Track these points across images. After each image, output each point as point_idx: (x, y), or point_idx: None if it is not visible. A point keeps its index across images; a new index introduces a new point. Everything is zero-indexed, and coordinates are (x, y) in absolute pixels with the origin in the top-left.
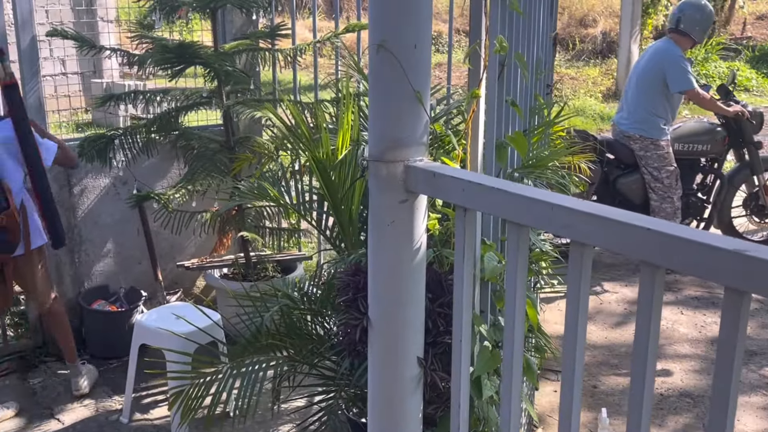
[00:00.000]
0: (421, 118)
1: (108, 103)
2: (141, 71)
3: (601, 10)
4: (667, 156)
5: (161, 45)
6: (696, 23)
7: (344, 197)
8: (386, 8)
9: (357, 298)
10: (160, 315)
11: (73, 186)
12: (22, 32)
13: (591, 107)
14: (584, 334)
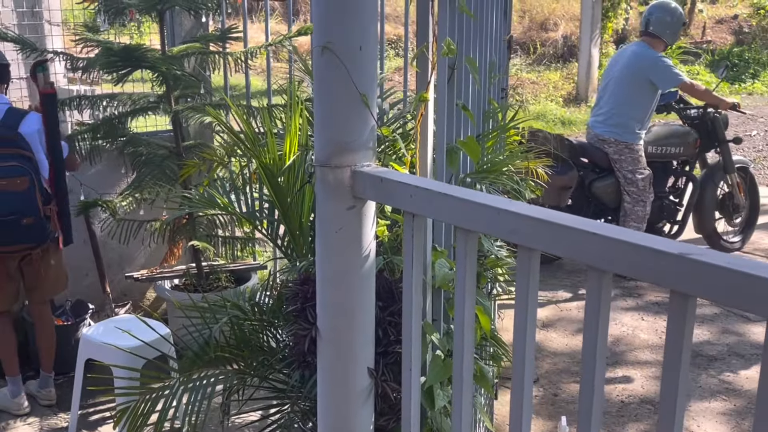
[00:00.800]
0: (367, 122)
1: None
2: (87, 75)
3: (561, 14)
4: (640, 159)
5: (106, 48)
6: (666, 26)
7: (293, 204)
8: (329, 9)
9: (306, 307)
10: (106, 329)
11: None
12: None
13: (552, 112)
14: (533, 339)
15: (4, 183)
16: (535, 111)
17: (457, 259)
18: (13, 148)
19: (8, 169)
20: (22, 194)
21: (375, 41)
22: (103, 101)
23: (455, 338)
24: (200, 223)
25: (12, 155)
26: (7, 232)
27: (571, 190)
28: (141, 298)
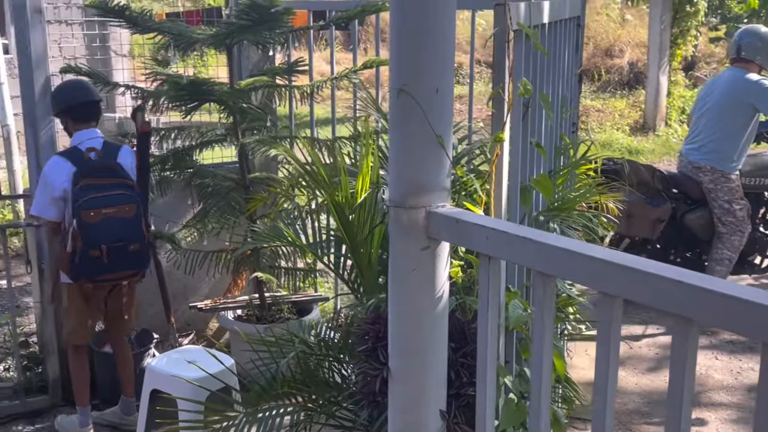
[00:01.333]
0: (443, 163)
1: (123, 139)
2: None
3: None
4: (737, 189)
5: (174, 82)
6: (757, 51)
7: (363, 240)
8: (407, 52)
9: (377, 347)
10: (171, 359)
11: None
12: (36, 69)
13: (618, 141)
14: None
15: (114, 210)
16: (601, 140)
17: (535, 304)
18: (117, 178)
19: (116, 197)
20: (131, 221)
21: (452, 84)
22: (171, 133)
23: (532, 385)
24: (263, 254)
25: (118, 184)
26: (115, 259)
27: (664, 222)
28: (204, 328)
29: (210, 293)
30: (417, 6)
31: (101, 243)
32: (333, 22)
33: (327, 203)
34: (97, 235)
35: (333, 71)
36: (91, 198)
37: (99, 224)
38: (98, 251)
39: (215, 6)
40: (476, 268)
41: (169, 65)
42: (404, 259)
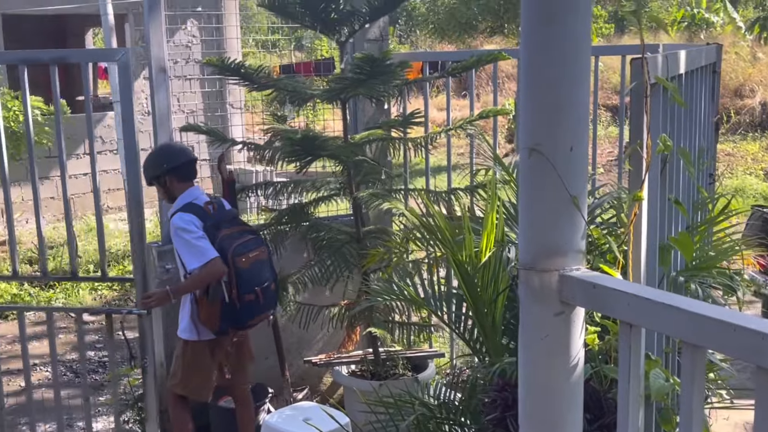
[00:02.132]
0: (577, 224)
1: (240, 193)
2: (268, 161)
3: (759, 80)
4: None
5: (288, 138)
6: None
7: (488, 301)
8: (538, 110)
9: (506, 416)
10: (287, 416)
11: None
12: (160, 128)
13: (752, 186)
14: None
15: (257, 253)
16: (733, 186)
17: (683, 376)
18: (243, 225)
19: (252, 242)
20: (268, 262)
21: (586, 140)
22: (287, 187)
23: None
24: (377, 309)
25: (246, 231)
26: (266, 300)
27: None
28: (318, 383)
29: (324, 348)
30: (549, 60)
31: (254, 286)
32: (450, 73)
33: (447, 259)
34: (251, 279)
35: (449, 121)
36: (238, 245)
37: (250, 269)
38: (254, 294)
39: (327, 58)
40: (613, 335)
41: (286, 120)
42: (536, 324)
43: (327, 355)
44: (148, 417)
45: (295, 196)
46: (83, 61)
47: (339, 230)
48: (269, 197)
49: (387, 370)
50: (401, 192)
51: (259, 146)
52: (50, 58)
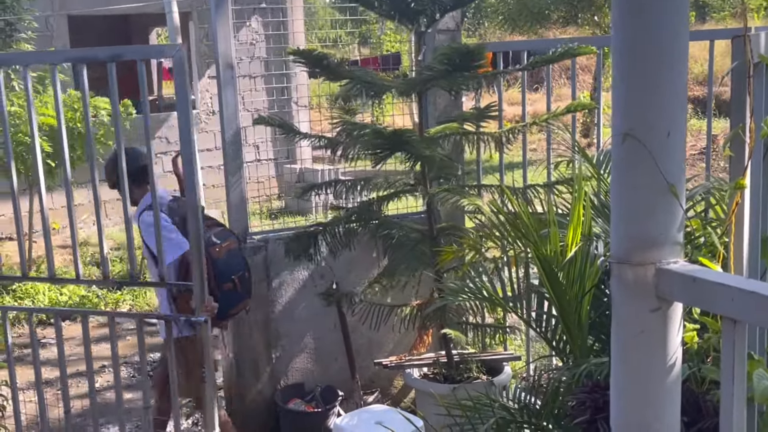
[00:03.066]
0: (675, 214)
1: (311, 191)
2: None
3: None
4: None
5: (377, 131)
6: None
7: (574, 299)
8: (634, 93)
9: (596, 419)
10: (359, 419)
11: (271, 278)
12: (227, 127)
13: None
14: None
15: (228, 243)
16: None
17: None
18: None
19: (222, 233)
20: (239, 251)
21: (684, 124)
22: (358, 185)
23: None
24: (450, 309)
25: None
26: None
27: None
28: (389, 386)
29: (395, 350)
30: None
31: (231, 275)
32: (532, 65)
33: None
34: (227, 269)
35: (524, 116)
36: (209, 236)
37: (225, 259)
38: (231, 283)
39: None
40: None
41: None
42: (630, 321)
43: (398, 357)
44: (207, 424)
45: (366, 193)
46: (138, 58)
47: (411, 228)
48: (339, 195)
49: (460, 373)
50: (475, 188)
51: (332, 140)
52: (106, 56)
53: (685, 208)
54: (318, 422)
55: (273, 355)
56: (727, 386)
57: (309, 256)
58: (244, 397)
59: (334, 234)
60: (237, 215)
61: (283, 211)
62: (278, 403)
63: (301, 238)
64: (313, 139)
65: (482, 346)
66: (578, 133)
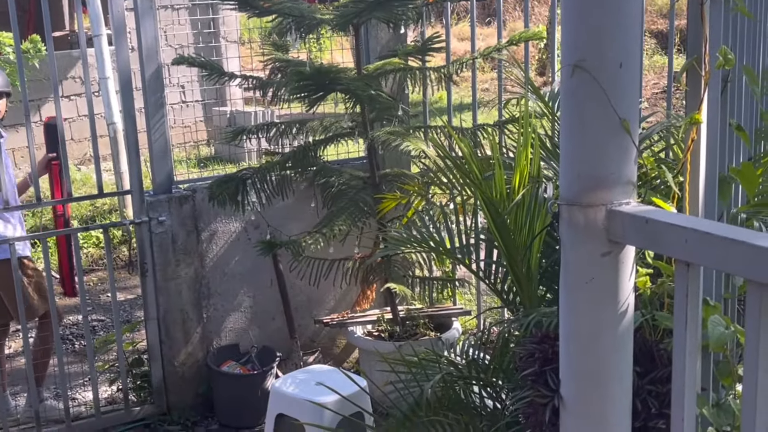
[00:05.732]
0: (627, 152)
1: (240, 136)
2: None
3: None
4: None
5: (297, 72)
6: None
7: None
8: (584, 22)
9: (545, 371)
10: (298, 380)
11: (200, 231)
12: (147, 62)
13: None
14: None
15: None
16: None
17: (748, 319)
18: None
19: None
20: None
21: (639, 55)
22: (292, 128)
23: (744, 417)
24: (395, 262)
25: None
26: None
27: None
28: (331, 345)
29: (336, 306)
30: None
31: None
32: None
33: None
34: None
35: (474, 48)
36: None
37: None
38: None
39: None
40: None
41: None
42: (580, 267)
43: (340, 315)
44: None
45: (301, 138)
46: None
47: (351, 175)
48: (271, 140)
49: (407, 330)
50: (421, 130)
51: (262, 81)
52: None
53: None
54: (254, 385)
55: (204, 315)
56: (679, 333)
57: (236, 203)
58: (173, 360)
59: (266, 181)
60: (160, 162)
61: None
62: (211, 366)
63: (227, 182)
64: (239, 79)
65: (430, 301)
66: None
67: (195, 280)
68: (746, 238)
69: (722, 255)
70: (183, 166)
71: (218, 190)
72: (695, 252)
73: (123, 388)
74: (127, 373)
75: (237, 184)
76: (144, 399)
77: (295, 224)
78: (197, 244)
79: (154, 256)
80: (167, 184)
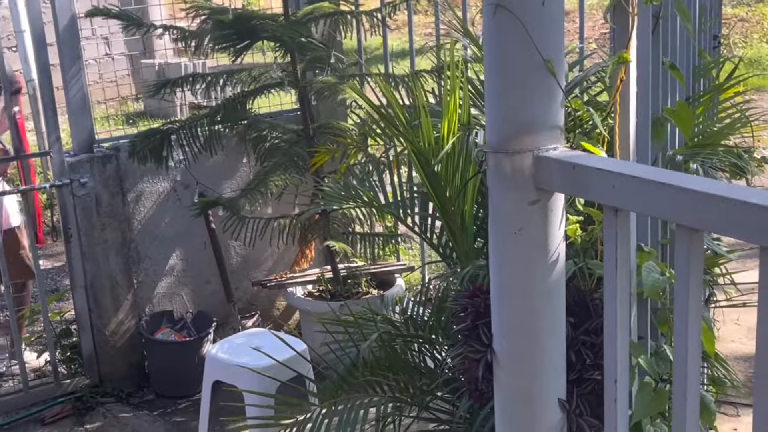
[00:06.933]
0: (553, 95)
1: (163, 90)
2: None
3: None
4: None
5: (217, 20)
6: None
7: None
8: None
9: (477, 325)
10: (234, 346)
11: (126, 193)
12: (60, 12)
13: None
14: None
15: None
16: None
17: (677, 265)
18: None
19: None
20: None
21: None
22: (219, 80)
23: (675, 365)
24: (334, 219)
25: None
26: None
27: None
28: (270, 307)
29: (274, 267)
30: None
31: None
32: None
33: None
34: None
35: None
36: None
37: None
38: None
39: None
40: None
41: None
42: (508, 216)
43: (278, 276)
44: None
45: (230, 90)
46: None
47: (285, 128)
48: (197, 93)
49: (348, 289)
50: (356, 79)
51: (184, 31)
52: None
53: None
54: (190, 352)
55: (134, 281)
56: (610, 281)
57: (160, 159)
58: (103, 329)
59: (193, 136)
60: (79, 120)
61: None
62: (143, 334)
63: (150, 137)
64: (160, 30)
65: (372, 258)
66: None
67: (123, 245)
68: (674, 181)
69: (650, 199)
70: (110, 123)
71: (140, 146)
72: (623, 197)
73: (51, 360)
74: (56, 344)
75: (162, 138)
76: (74, 371)
77: (227, 182)
78: (123, 206)
79: (78, 221)
80: (88, 144)
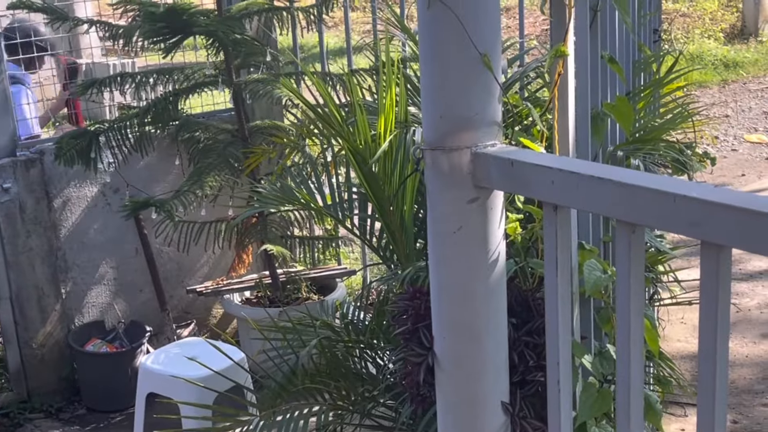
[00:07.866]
0: (490, 90)
1: (89, 90)
2: (128, 47)
3: None
4: None
5: (148, 12)
6: None
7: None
8: None
9: (418, 328)
10: (169, 356)
11: (52, 198)
12: None
13: (710, 52)
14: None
15: None
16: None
17: (618, 262)
18: None
19: None
20: None
21: None
22: (149, 78)
23: (619, 365)
24: (272, 222)
25: None
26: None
27: None
28: (206, 315)
29: (210, 273)
30: None
31: None
32: None
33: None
34: None
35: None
36: None
37: None
38: None
39: None
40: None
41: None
42: (446, 216)
43: (214, 282)
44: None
45: (162, 89)
46: None
47: (218, 128)
48: (126, 93)
49: (288, 294)
50: (292, 77)
51: (112, 26)
52: None
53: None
54: (123, 364)
55: (62, 290)
56: (550, 280)
57: (89, 161)
58: (30, 342)
59: (123, 137)
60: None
61: None
62: (73, 346)
63: (77, 138)
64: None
65: (312, 263)
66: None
67: (49, 253)
68: (613, 176)
69: (589, 195)
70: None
71: (67, 147)
72: (562, 193)
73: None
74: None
75: (90, 139)
76: (0, 386)
77: (158, 185)
78: (49, 212)
79: (1, 228)
80: (11, 147)
